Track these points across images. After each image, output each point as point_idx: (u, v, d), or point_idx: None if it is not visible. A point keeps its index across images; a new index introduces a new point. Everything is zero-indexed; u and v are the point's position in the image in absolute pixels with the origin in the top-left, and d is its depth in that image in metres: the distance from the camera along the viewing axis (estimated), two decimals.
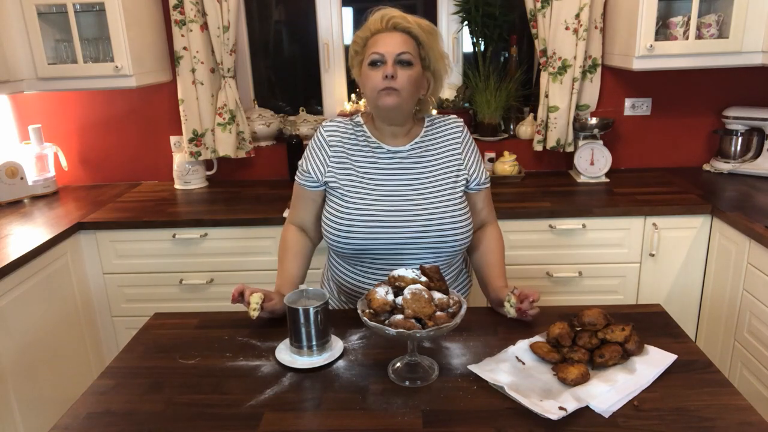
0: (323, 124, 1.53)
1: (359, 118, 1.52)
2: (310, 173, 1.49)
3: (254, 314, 1.33)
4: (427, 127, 1.51)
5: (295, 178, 1.54)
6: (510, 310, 1.35)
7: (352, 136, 1.50)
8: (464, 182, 1.49)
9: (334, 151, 1.48)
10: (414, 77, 1.39)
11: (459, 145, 1.51)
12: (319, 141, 1.50)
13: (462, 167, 1.49)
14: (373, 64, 1.38)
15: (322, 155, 1.49)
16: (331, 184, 1.48)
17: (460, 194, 1.47)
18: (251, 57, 2.93)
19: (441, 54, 1.44)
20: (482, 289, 1.56)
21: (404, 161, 1.47)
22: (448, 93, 2.88)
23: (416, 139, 1.49)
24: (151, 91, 2.81)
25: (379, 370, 1.21)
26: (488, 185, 1.56)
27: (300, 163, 1.54)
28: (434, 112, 1.54)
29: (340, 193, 1.46)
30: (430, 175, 1.46)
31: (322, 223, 1.49)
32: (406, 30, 1.39)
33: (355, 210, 1.43)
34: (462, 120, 1.55)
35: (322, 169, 1.48)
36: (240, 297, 1.35)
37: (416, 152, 1.48)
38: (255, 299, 1.34)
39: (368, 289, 1.27)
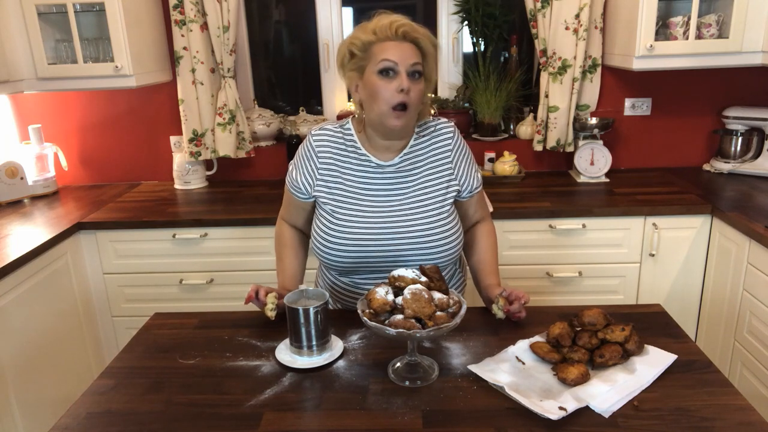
0: (313, 131, 1.49)
1: (349, 125, 1.47)
2: (299, 185, 1.47)
3: (272, 314, 1.35)
4: (417, 134, 1.47)
5: (286, 181, 1.52)
6: (498, 312, 1.36)
7: (342, 146, 1.46)
8: (455, 193, 1.47)
9: (323, 163, 1.45)
10: (422, 91, 1.36)
11: (449, 153, 1.47)
12: (308, 151, 1.47)
13: (453, 178, 1.46)
14: (385, 72, 1.32)
15: (311, 166, 1.46)
16: (320, 199, 1.46)
17: (449, 207, 1.45)
18: (251, 57, 2.93)
19: (435, 56, 1.39)
20: (476, 286, 1.56)
21: (392, 175, 1.44)
22: (447, 93, 2.88)
23: (405, 151, 1.44)
24: (151, 91, 2.81)
25: (379, 370, 1.21)
26: (480, 188, 1.54)
27: (290, 169, 1.51)
28: (432, 110, 1.51)
29: (329, 209, 1.44)
30: (419, 189, 1.44)
31: (312, 239, 1.48)
32: (414, 40, 1.34)
33: (344, 227, 1.41)
34: (453, 124, 1.51)
35: (311, 181, 1.46)
36: (255, 297, 1.36)
37: (405, 165, 1.44)
38: (271, 299, 1.35)
39: (361, 296, 1.26)
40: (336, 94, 2.93)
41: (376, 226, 1.41)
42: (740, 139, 2.62)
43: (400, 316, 1.12)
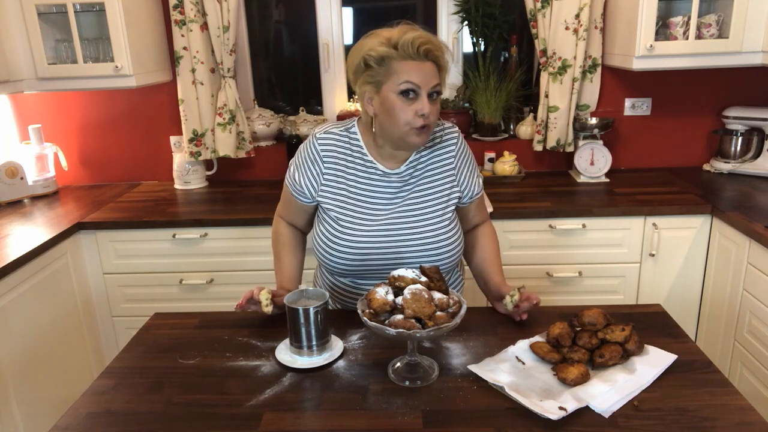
0: (318, 134, 1.46)
1: (355, 128, 1.46)
2: (303, 189, 1.46)
3: (269, 309, 1.35)
4: None
5: (286, 181, 1.51)
6: (509, 304, 1.36)
7: (348, 152, 1.44)
8: (456, 200, 1.47)
9: (328, 167, 1.44)
10: (439, 109, 1.36)
11: (453, 160, 1.47)
12: (313, 154, 1.44)
13: (455, 184, 1.46)
14: (405, 93, 1.29)
15: (315, 170, 1.44)
16: (323, 205, 1.45)
17: (451, 213, 1.45)
18: (251, 57, 2.93)
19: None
20: (480, 286, 1.56)
21: (398, 183, 1.44)
22: (448, 93, 2.88)
23: (410, 159, 1.44)
24: (151, 91, 2.81)
25: (379, 370, 1.21)
26: (481, 194, 1.54)
27: (291, 171, 1.48)
28: None
29: (334, 215, 1.43)
30: (423, 197, 1.44)
31: (315, 243, 1.47)
32: (435, 59, 1.31)
33: (348, 234, 1.41)
34: (457, 129, 1.50)
35: (315, 186, 1.45)
36: (248, 303, 1.36)
37: (409, 173, 1.44)
38: (264, 295, 1.35)
39: (361, 297, 1.26)
40: (336, 94, 2.93)
41: (380, 232, 1.41)
42: (740, 139, 2.62)
43: (400, 316, 1.12)
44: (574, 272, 2.36)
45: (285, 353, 1.27)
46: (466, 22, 2.75)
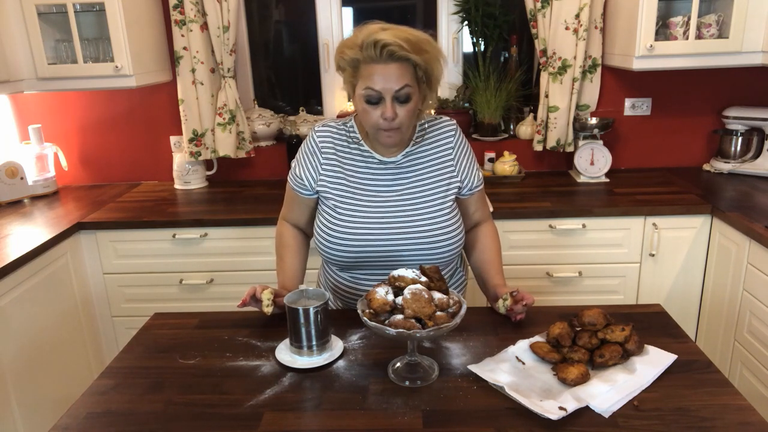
0: (316, 127, 1.49)
1: (352, 123, 1.49)
2: (303, 180, 1.48)
3: (269, 310, 1.35)
4: (419, 132, 1.48)
5: (288, 178, 1.53)
6: (501, 308, 1.38)
7: (345, 143, 1.47)
8: (456, 189, 1.47)
9: (326, 158, 1.46)
10: (413, 108, 1.34)
11: (451, 151, 1.48)
12: (312, 147, 1.48)
13: (455, 174, 1.47)
14: (369, 101, 1.31)
15: (314, 162, 1.47)
16: (323, 194, 1.46)
17: (451, 203, 1.46)
18: (251, 57, 2.93)
19: (438, 61, 1.33)
20: (480, 286, 1.56)
21: (395, 171, 1.45)
22: (447, 93, 2.88)
23: (408, 148, 1.45)
24: (151, 91, 2.81)
25: (379, 370, 1.21)
26: (481, 187, 1.54)
27: (293, 166, 1.51)
28: (432, 111, 1.50)
29: (332, 204, 1.44)
30: (421, 185, 1.45)
31: (315, 234, 1.48)
32: (403, 58, 1.27)
33: (347, 222, 1.42)
34: (454, 122, 1.52)
35: (315, 176, 1.47)
36: (251, 300, 1.36)
37: (407, 162, 1.46)
38: (267, 295, 1.36)
39: (363, 294, 1.27)
40: (336, 94, 2.93)
41: (378, 221, 1.42)
42: (740, 139, 2.62)
43: (400, 316, 1.12)
44: (574, 272, 2.36)
45: (285, 353, 1.27)
46: (466, 22, 2.75)
